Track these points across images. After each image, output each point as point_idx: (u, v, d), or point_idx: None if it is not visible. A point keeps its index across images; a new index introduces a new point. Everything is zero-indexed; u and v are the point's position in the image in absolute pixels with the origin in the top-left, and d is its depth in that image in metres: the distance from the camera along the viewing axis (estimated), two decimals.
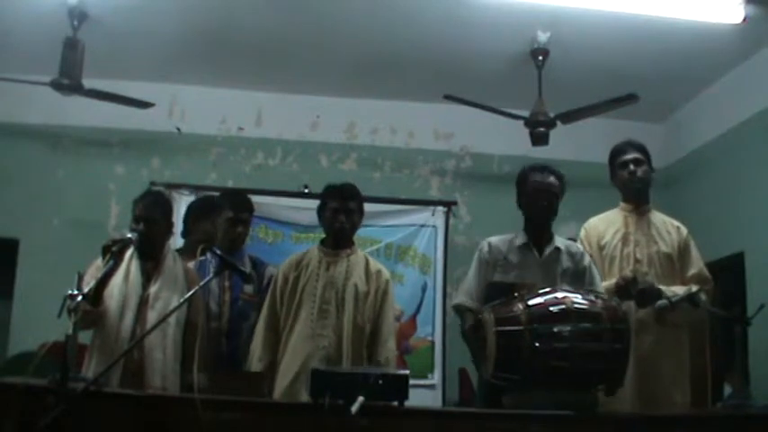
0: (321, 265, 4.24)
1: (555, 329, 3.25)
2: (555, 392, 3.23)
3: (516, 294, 3.46)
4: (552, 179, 4.15)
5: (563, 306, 3.33)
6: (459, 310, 4.15)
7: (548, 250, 4.11)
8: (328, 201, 4.31)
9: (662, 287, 4.04)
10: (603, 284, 4.10)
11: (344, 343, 4.08)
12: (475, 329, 3.61)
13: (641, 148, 4.44)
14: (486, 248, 4.17)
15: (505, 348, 3.25)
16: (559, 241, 4.19)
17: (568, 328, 3.26)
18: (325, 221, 4.34)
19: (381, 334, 4.20)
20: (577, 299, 3.40)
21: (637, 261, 4.26)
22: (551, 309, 3.33)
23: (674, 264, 4.30)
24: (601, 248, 4.35)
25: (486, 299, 3.97)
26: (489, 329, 3.33)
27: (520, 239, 4.14)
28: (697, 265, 4.34)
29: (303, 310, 4.14)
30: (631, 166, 4.39)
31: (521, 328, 3.25)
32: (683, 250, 4.34)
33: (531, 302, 3.36)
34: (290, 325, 4.15)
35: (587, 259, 4.18)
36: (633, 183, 4.40)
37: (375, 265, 4.38)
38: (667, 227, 4.41)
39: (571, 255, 4.15)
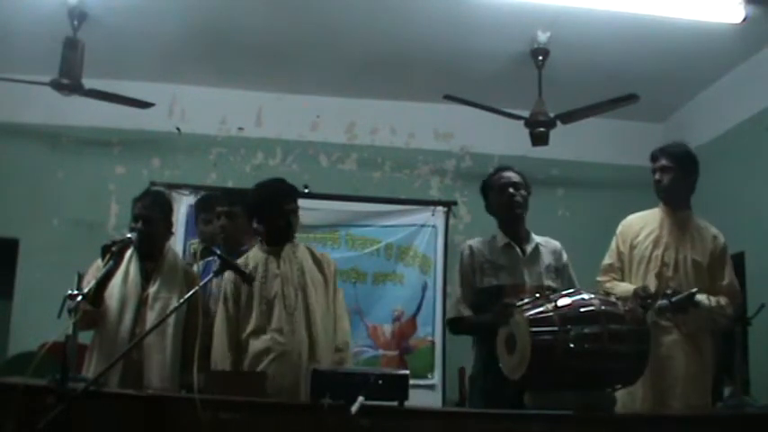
0: (269, 264, 4.14)
1: (586, 330, 3.26)
2: (582, 393, 3.25)
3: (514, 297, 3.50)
4: (513, 173, 4.15)
5: (592, 307, 3.35)
6: (456, 321, 4.10)
7: (529, 248, 4.10)
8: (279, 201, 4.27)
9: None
10: (621, 287, 4.13)
11: (320, 340, 4.04)
12: (496, 325, 3.57)
13: (672, 155, 4.36)
14: (467, 252, 4.13)
15: (539, 349, 3.24)
16: (537, 238, 4.18)
17: (598, 329, 3.27)
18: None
19: (336, 315, 4.19)
20: (602, 300, 3.42)
21: (664, 264, 4.23)
22: (581, 310, 3.34)
23: (704, 272, 4.25)
24: (632, 247, 4.32)
25: (479, 304, 3.99)
26: (522, 330, 3.33)
27: (501, 240, 4.12)
28: (728, 277, 4.29)
29: (274, 312, 4.04)
30: (656, 175, 4.35)
31: (555, 329, 3.26)
32: (717, 260, 4.30)
33: (559, 303, 3.36)
34: (252, 329, 4.03)
35: (565, 257, 4.19)
36: (658, 191, 4.38)
37: (320, 252, 4.38)
38: (703, 234, 4.37)
39: (551, 251, 4.16)
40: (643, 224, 4.39)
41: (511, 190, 4.09)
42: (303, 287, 4.12)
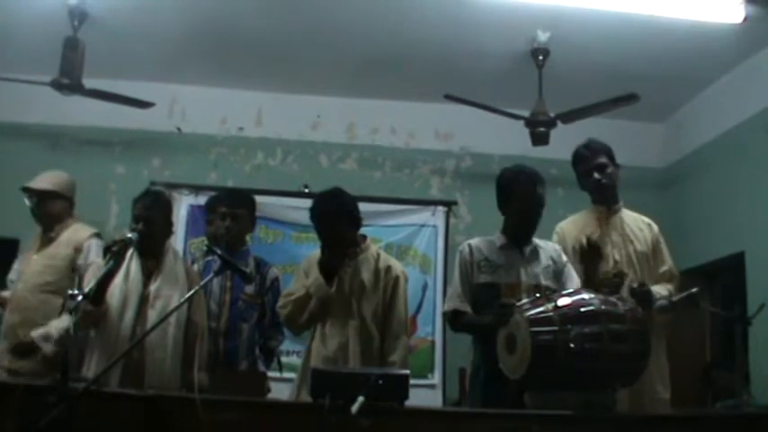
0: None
1: (586, 330, 3.26)
2: (582, 393, 3.25)
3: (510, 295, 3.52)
4: (540, 190, 4.09)
5: (592, 307, 3.35)
6: (456, 315, 4.09)
7: (528, 249, 4.09)
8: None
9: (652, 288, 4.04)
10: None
11: (351, 342, 4.04)
12: (496, 325, 3.57)
13: (603, 150, 4.40)
14: (466, 250, 4.13)
15: (540, 349, 3.24)
16: (538, 241, 4.17)
17: (598, 329, 3.27)
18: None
19: (391, 333, 4.15)
20: (602, 299, 3.42)
21: (616, 262, 4.22)
22: (582, 310, 3.34)
23: (649, 261, 4.30)
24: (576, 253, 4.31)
25: (474, 300, 4.00)
26: (522, 330, 3.33)
27: (500, 241, 4.12)
28: (668, 261, 4.35)
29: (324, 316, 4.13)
30: (596, 174, 4.36)
31: (555, 328, 3.26)
32: (656, 247, 4.35)
33: (559, 303, 3.36)
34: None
35: (565, 257, 4.18)
36: (601, 189, 4.37)
37: (386, 261, 4.30)
38: (639, 224, 4.40)
39: (549, 252, 4.15)
40: (581, 226, 4.39)
41: (535, 213, 4.08)
42: (349, 297, 4.12)
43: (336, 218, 4.14)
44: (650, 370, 4.01)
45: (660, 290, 4.10)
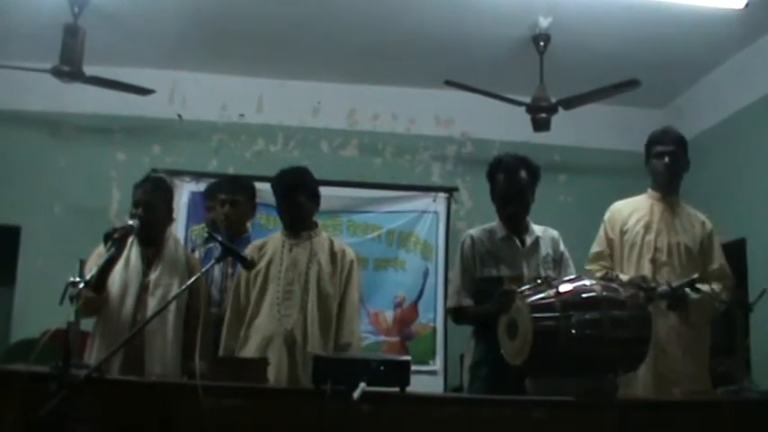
0: (284, 248, 4.20)
1: (587, 316, 3.27)
2: (584, 378, 3.26)
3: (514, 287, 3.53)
4: (523, 174, 4.07)
5: (593, 293, 3.36)
6: (459, 311, 4.12)
7: (529, 240, 4.10)
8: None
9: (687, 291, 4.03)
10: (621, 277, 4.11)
11: (309, 324, 4.05)
12: (498, 311, 3.58)
13: (678, 139, 4.36)
14: (468, 243, 4.14)
15: (541, 335, 3.25)
16: (537, 228, 4.18)
17: (599, 315, 3.28)
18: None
19: (345, 316, 4.16)
20: (603, 286, 3.43)
21: (657, 250, 4.22)
22: (583, 296, 3.35)
23: (695, 257, 4.25)
24: (623, 233, 4.31)
25: (477, 294, 4.01)
26: (524, 316, 3.33)
27: (501, 232, 4.12)
28: (718, 260, 4.30)
29: (268, 292, 4.11)
30: (666, 159, 4.30)
31: (557, 314, 3.27)
32: (706, 245, 4.30)
33: (561, 289, 3.37)
34: (255, 308, 4.12)
35: (562, 246, 4.19)
36: (666, 174, 4.32)
37: (340, 245, 4.33)
38: (692, 219, 4.36)
39: (549, 240, 4.16)
40: (632, 210, 4.39)
41: (514, 203, 4.08)
42: (306, 275, 4.13)
43: (300, 192, 4.24)
44: (683, 366, 4.04)
45: (703, 288, 4.08)
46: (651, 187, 4.44)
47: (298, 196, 4.23)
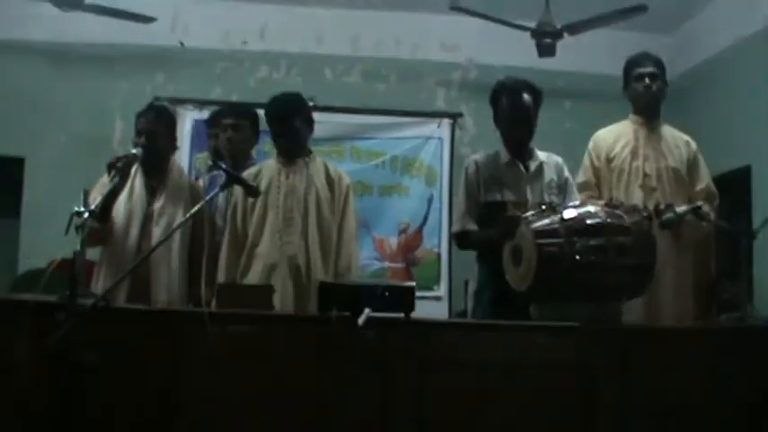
0: (281, 175, 4.19)
1: (592, 242, 3.27)
2: (587, 305, 3.28)
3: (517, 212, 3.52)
4: (527, 97, 4.06)
5: (598, 220, 3.35)
6: (463, 235, 4.11)
7: (533, 165, 4.09)
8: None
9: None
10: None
11: (311, 249, 4.07)
12: (502, 237, 3.59)
13: (658, 62, 4.34)
14: (472, 168, 4.13)
15: (546, 261, 3.26)
16: (541, 155, 4.16)
17: (604, 242, 3.28)
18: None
19: (343, 240, 4.18)
20: (608, 212, 3.41)
21: (646, 175, 4.22)
22: (587, 222, 3.34)
23: (683, 179, 4.27)
24: (609, 161, 4.29)
25: (481, 219, 4.01)
26: (528, 242, 3.34)
27: (504, 157, 4.11)
28: (705, 180, 4.32)
29: (268, 219, 4.11)
30: (647, 80, 4.29)
31: (561, 240, 3.27)
32: (692, 165, 4.31)
33: (565, 215, 3.36)
34: (256, 235, 4.12)
35: (566, 172, 4.18)
36: (647, 96, 4.31)
37: (335, 171, 4.33)
38: (677, 141, 4.36)
39: (553, 166, 4.15)
40: (616, 137, 4.36)
41: (518, 125, 4.07)
42: (305, 201, 4.14)
43: (296, 117, 4.21)
44: (669, 285, 4.05)
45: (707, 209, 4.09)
46: (633, 112, 4.42)
47: (294, 122, 4.21)
